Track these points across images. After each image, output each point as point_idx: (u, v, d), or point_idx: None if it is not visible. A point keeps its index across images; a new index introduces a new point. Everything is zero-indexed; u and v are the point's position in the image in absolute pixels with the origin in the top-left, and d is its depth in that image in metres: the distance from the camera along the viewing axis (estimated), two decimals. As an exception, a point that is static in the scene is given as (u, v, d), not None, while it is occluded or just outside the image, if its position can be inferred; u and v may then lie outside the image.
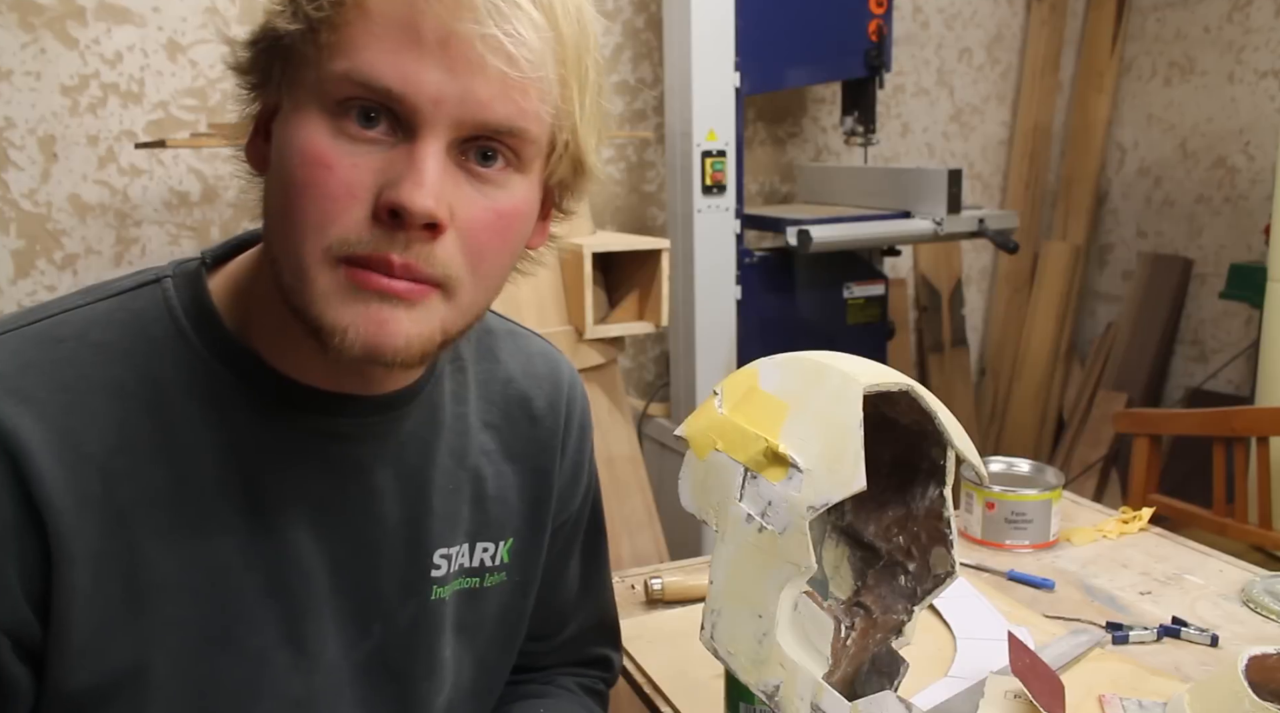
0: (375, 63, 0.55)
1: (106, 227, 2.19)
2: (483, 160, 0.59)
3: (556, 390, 0.82)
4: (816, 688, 0.66)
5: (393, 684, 0.72)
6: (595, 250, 1.73)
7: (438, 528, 0.72)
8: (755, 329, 2.39)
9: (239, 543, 0.63)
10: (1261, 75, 2.90)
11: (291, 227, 0.58)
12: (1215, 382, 3.04)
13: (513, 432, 0.78)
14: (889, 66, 2.48)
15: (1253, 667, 0.81)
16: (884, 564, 0.80)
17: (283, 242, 0.59)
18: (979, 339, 3.45)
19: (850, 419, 0.66)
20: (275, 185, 0.60)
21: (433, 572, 0.72)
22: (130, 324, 0.63)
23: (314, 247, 0.57)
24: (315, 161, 0.56)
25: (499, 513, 0.77)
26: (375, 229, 0.57)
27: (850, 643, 0.78)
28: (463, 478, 0.74)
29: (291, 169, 0.57)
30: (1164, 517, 1.67)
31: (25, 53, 2.08)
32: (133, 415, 0.60)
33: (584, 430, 0.85)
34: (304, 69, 0.58)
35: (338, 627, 0.68)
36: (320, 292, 0.58)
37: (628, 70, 2.70)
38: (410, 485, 0.70)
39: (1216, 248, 3.05)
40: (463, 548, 0.75)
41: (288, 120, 0.59)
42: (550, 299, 1.76)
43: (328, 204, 0.56)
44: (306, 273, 0.57)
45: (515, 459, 0.78)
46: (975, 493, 1.29)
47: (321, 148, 0.57)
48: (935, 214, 2.39)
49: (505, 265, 0.64)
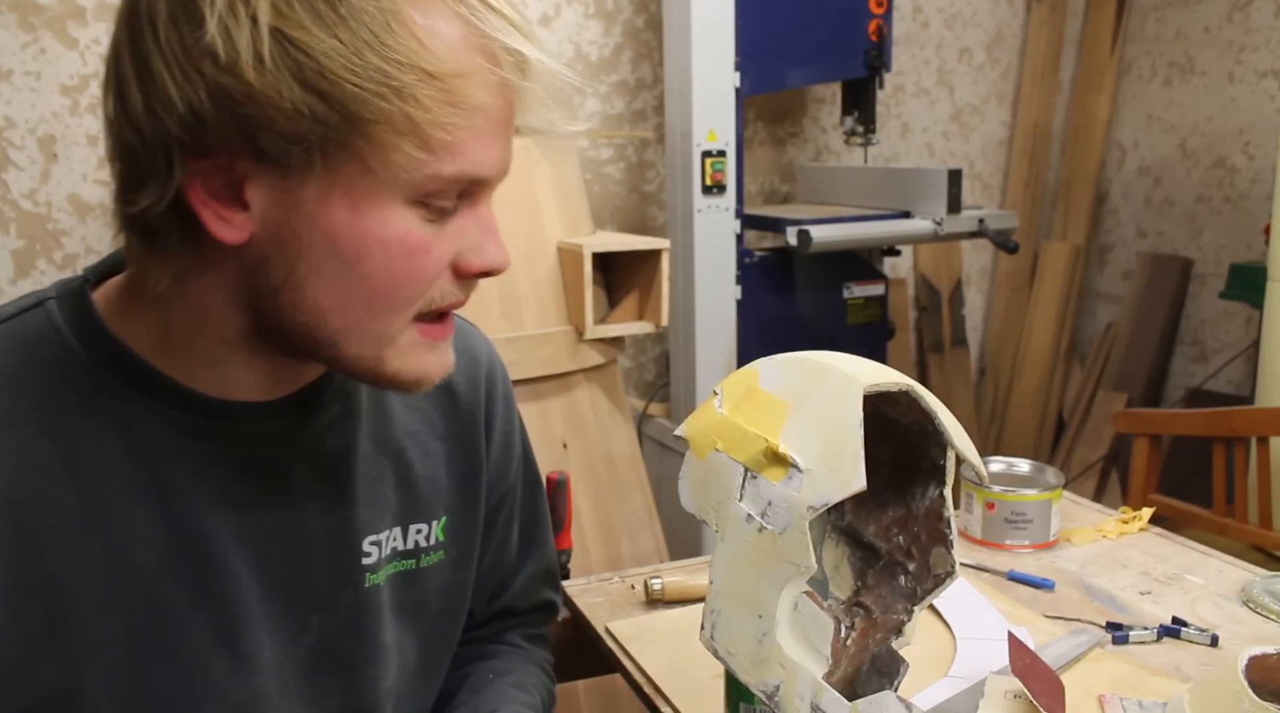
0: (478, 164, 0.59)
1: (106, 226, 2.19)
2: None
3: (475, 366, 0.83)
4: (816, 688, 0.66)
5: (337, 675, 0.72)
6: (595, 250, 1.73)
7: (364, 516, 0.72)
8: (755, 329, 2.39)
9: (161, 556, 0.62)
10: (1261, 75, 2.90)
11: (372, 307, 0.60)
12: (1215, 382, 3.04)
13: (436, 411, 0.79)
14: (889, 66, 2.48)
15: (1253, 667, 0.81)
16: (884, 564, 0.80)
17: (349, 318, 0.60)
18: (979, 339, 3.45)
19: (850, 419, 0.66)
20: (338, 265, 0.58)
21: (364, 559, 0.73)
22: (15, 351, 0.61)
23: (403, 320, 0.61)
24: (411, 252, 0.59)
25: (429, 493, 0.77)
26: (455, 286, 0.63)
27: (850, 643, 0.78)
28: (385, 463, 0.75)
29: (375, 259, 0.58)
30: (1164, 517, 1.67)
31: (25, 53, 2.08)
32: (29, 442, 0.59)
33: (508, 402, 0.86)
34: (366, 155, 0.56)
35: (273, 626, 0.68)
36: (398, 350, 0.62)
37: (628, 70, 2.70)
38: (330, 478, 0.71)
39: (1216, 248, 3.05)
40: (393, 532, 0.75)
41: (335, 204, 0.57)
42: (550, 299, 1.76)
43: (426, 281, 0.61)
44: (391, 341, 0.61)
45: (441, 438, 0.79)
46: (975, 493, 1.29)
47: (417, 238, 0.59)
48: (935, 214, 2.39)
49: None
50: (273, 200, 0.57)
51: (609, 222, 2.74)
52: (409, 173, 0.57)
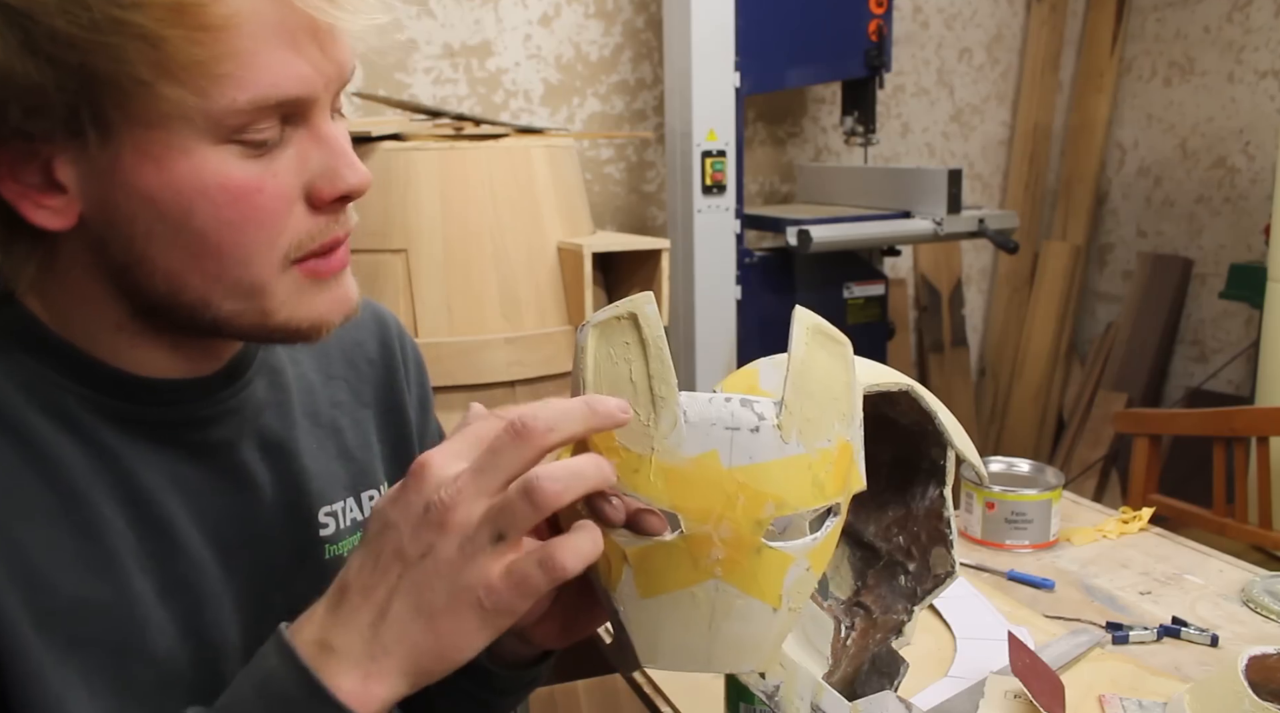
0: (277, 83, 0.53)
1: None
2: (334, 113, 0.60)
3: (384, 329, 0.82)
4: (816, 688, 0.66)
5: None
6: (595, 250, 1.73)
7: (316, 487, 0.71)
8: (755, 329, 2.39)
9: (129, 547, 0.60)
10: (1261, 75, 2.90)
11: (223, 262, 0.56)
12: (1215, 382, 3.04)
13: (359, 378, 0.78)
14: (889, 66, 2.48)
15: (1253, 667, 0.81)
16: (884, 564, 0.80)
17: (206, 278, 0.56)
18: (979, 339, 3.45)
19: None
20: (168, 228, 0.55)
21: (321, 531, 0.71)
22: None
23: (266, 264, 0.56)
24: (242, 192, 0.54)
25: (366, 460, 0.76)
26: (321, 219, 0.57)
27: (850, 643, 0.78)
28: (322, 435, 0.73)
29: (202, 211, 0.54)
30: (1164, 517, 1.67)
31: (25, 53, 2.07)
32: None
33: (420, 363, 0.85)
34: (155, 105, 0.52)
35: (236, 609, 0.66)
36: (281, 300, 0.58)
37: (628, 70, 2.70)
38: (278, 453, 0.69)
39: (1216, 248, 3.05)
40: (348, 503, 0.74)
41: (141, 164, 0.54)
42: (550, 299, 1.76)
43: (271, 222, 0.56)
44: (263, 290, 0.57)
45: (368, 405, 0.78)
46: (975, 493, 1.29)
47: (239, 179, 0.54)
48: (935, 214, 2.39)
49: None
50: (84, 176, 0.55)
51: (609, 222, 2.74)
52: (202, 111, 0.52)
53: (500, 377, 1.69)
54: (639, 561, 0.56)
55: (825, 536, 0.59)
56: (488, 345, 1.68)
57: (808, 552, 0.57)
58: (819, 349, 0.57)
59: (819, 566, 0.59)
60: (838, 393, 0.58)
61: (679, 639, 0.57)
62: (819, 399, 0.56)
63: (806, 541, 0.57)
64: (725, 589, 0.56)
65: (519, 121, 2.44)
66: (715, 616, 0.56)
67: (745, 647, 0.58)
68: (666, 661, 0.58)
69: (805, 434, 0.55)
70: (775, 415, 0.54)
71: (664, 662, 0.59)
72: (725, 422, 0.54)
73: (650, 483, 0.54)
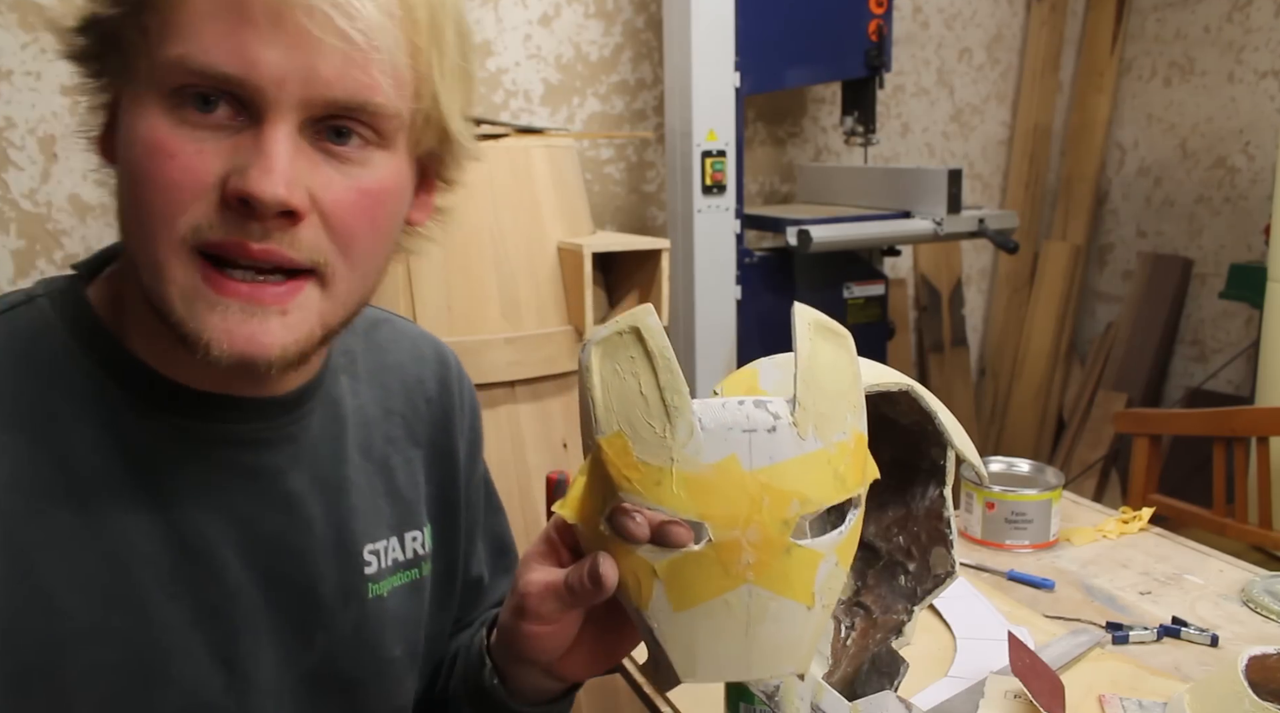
0: (209, 48, 0.52)
1: (107, 226, 2.19)
2: (338, 139, 0.56)
3: (445, 370, 0.81)
4: (816, 688, 0.66)
5: (341, 693, 0.69)
6: (595, 250, 1.73)
7: (362, 525, 0.70)
8: (755, 329, 2.39)
9: (159, 575, 0.59)
10: (1261, 75, 2.90)
11: (142, 219, 0.55)
12: (1215, 382, 3.04)
13: (415, 416, 0.77)
14: (889, 66, 2.48)
15: (1253, 667, 0.81)
16: (884, 564, 0.80)
17: (137, 236, 0.56)
18: (979, 339, 3.45)
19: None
20: (123, 179, 0.56)
21: (365, 569, 0.70)
22: (10, 348, 0.58)
23: (167, 238, 0.54)
24: (157, 150, 0.53)
25: (413, 500, 0.75)
26: (226, 215, 0.54)
27: (850, 643, 0.78)
28: (372, 470, 0.72)
29: (135, 160, 0.54)
30: (1164, 517, 1.67)
31: (25, 53, 2.08)
32: (24, 448, 0.56)
33: (474, 406, 0.84)
34: (136, 56, 0.55)
35: (275, 642, 0.65)
36: (178, 290, 0.55)
37: (628, 70, 2.70)
38: (328, 486, 0.68)
39: (1216, 248, 3.05)
40: (391, 542, 0.72)
41: (128, 110, 0.56)
42: (550, 299, 1.76)
43: (174, 193, 0.53)
44: (163, 268, 0.54)
45: (420, 445, 0.77)
46: (975, 493, 1.29)
47: (162, 136, 0.53)
48: (935, 214, 2.39)
49: (382, 247, 0.60)
50: (121, 117, 0.57)
51: (609, 222, 2.74)
52: (143, 60, 0.54)
53: (500, 377, 1.69)
54: (669, 574, 0.55)
55: (850, 528, 0.59)
56: (488, 345, 1.68)
57: (835, 546, 0.57)
58: (823, 343, 0.57)
59: (846, 559, 0.59)
60: (846, 385, 0.57)
61: (716, 649, 0.57)
62: (830, 393, 0.56)
63: (834, 535, 0.57)
64: (759, 593, 0.55)
65: (519, 121, 2.44)
66: (751, 621, 0.56)
67: (783, 649, 0.57)
68: (706, 672, 0.58)
69: (821, 429, 0.55)
70: (790, 414, 0.54)
71: (703, 674, 0.58)
72: (742, 425, 0.54)
73: (674, 494, 0.54)
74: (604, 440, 0.56)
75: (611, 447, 0.55)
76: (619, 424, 0.55)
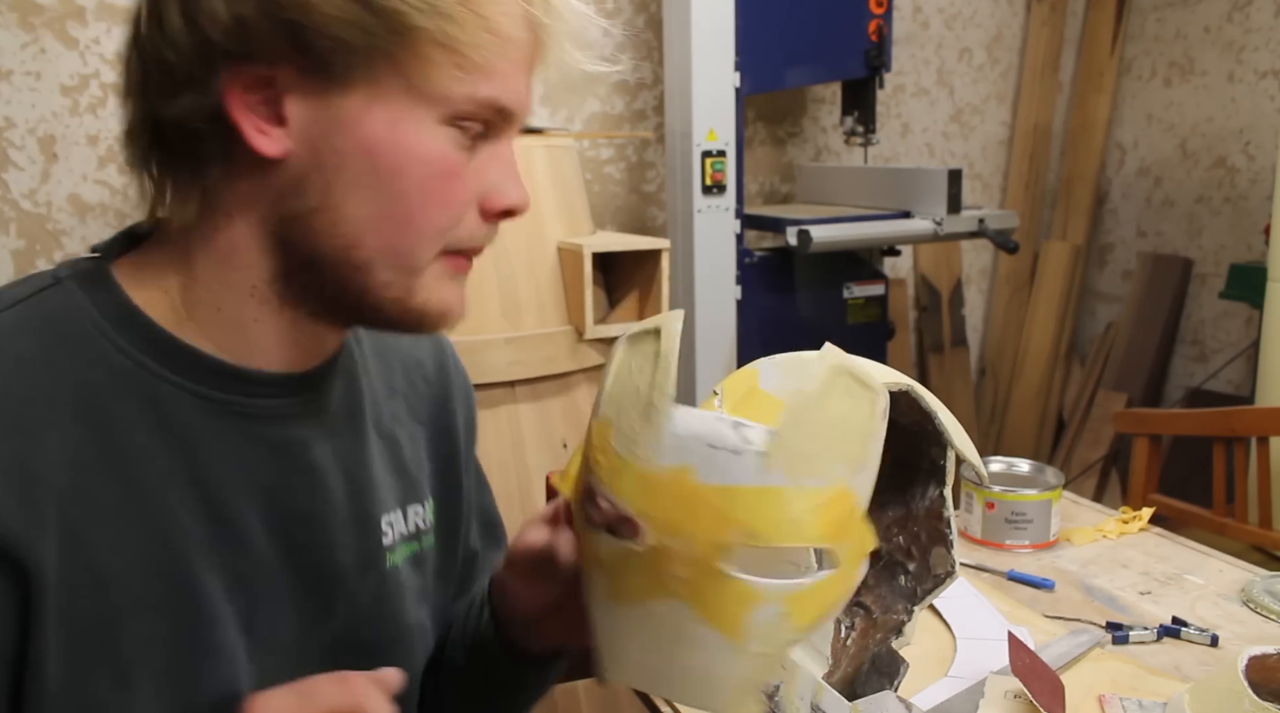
0: (512, 90, 0.60)
1: (106, 227, 2.19)
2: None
3: (440, 351, 0.84)
4: (816, 688, 0.66)
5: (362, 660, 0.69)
6: (595, 250, 1.73)
7: (379, 496, 0.72)
8: (755, 329, 2.39)
9: (197, 545, 0.61)
10: (1261, 75, 2.90)
11: (406, 228, 0.60)
12: (1215, 382, 3.04)
13: (415, 395, 0.80)
14: (889, 66, 2.48)
15: (1253, 667, 0.81)
16: (884, 564, 0.80)
17: (383, 239, 0.60)
18: (979, 339, 3.45)
19: (850, 419, 0.66)
20: (376, 179, 0.59)
21: (383, 539, 0.73)
22: (44, 332, 0.59)
23: (433, 247, 0.61)
24: (446, 173, 0.60)
25: (417, 475, 0.78)
26: (485, 227, 0.64)
27: (850, 643, 0.78)
28: (382, 446, 0.75)
29: (411, 173, 0.59)
30: (1164, 517, 1.67)
31: (25, 53, 2.08)
32: (68, 427, 0.57)
33: (469, 390, 0.87)
34: (406, 69, 0.58)
35: (295, 608, 0.66)
36: (425, 282, 0.62)
37: (628, 70, 2.70)
38: (348, 458, 0.70)
39: (1216, 248, 3.05)
40: (397, 514, 0.75)
41: (379, 118, 0.58)
42: (550, 299, 1.76)
43: (456, 211, 0.61)
44: (420, 269, 0.61)
45: (422, 422, 0.80)
46: (975, 493, 1.29)
47: (452, 160, 0.60)
48: (935, 214, 2.39)
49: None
50: (311, 115, 0.58)
51: (609, 222, 2.74)
52: (446, 90, 0.58)
53: (500, 377, 1.69)
54: (610, 564, 0.56)
55: (810, 583, 0.56)
56: (488, 345, 1.68)
57: (784, 594, 0.55)
58: (838, 390, 0.56)
59: (801, 615, 0.56)
60: (849, 438, 0.56)
61: (639, 656, 0.57)
62: (821, 438, 0.55)
63: (783, 583, 0.55)
64: (684, 610, 0.55)
65: (519, 121, 2.43)
66: (675, 638, 0.55)
67: (702, 683, 0.57)
68: (630, 677, 0.58)
69: (792, 468, 0.54)
70: (764, 443, 0.54)
71: (622, 675, 0.59)
72: (707, 439, 0.53)
73: (626, 487, 0.54)
74: (594, 423, 0.57)
75: (597, 431, 0.57)
76: (610, 411, 0.57)
